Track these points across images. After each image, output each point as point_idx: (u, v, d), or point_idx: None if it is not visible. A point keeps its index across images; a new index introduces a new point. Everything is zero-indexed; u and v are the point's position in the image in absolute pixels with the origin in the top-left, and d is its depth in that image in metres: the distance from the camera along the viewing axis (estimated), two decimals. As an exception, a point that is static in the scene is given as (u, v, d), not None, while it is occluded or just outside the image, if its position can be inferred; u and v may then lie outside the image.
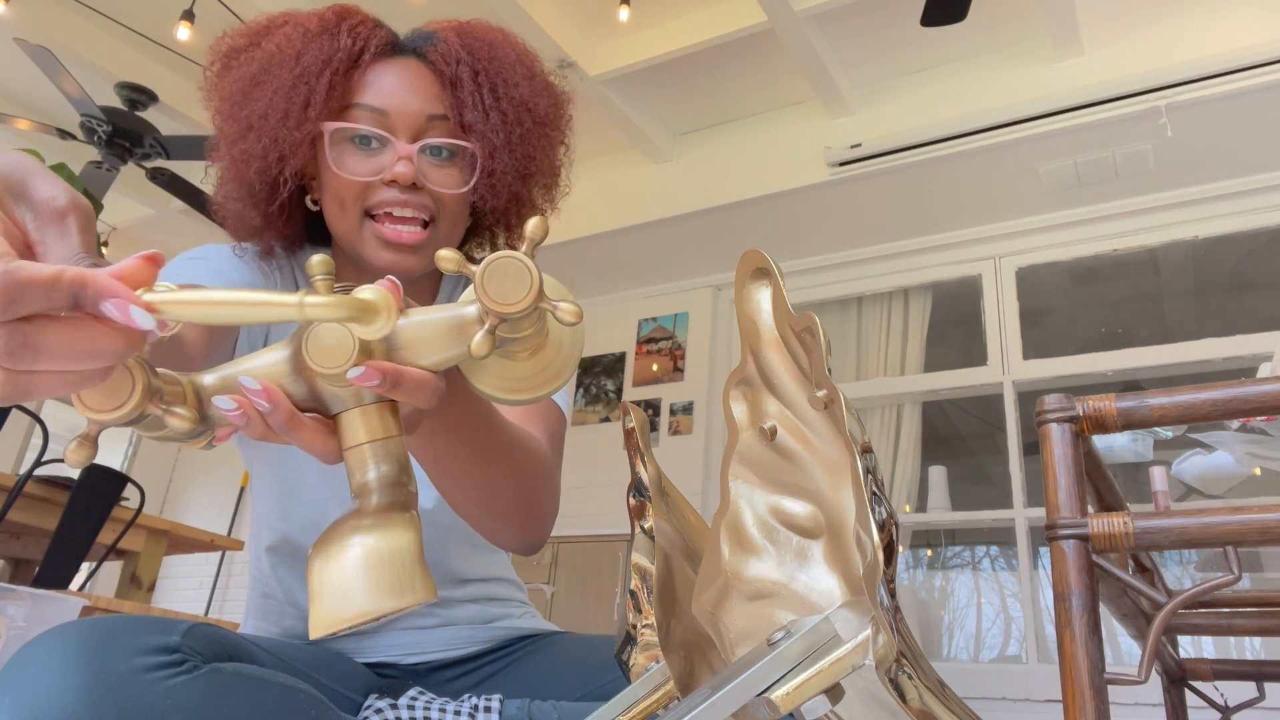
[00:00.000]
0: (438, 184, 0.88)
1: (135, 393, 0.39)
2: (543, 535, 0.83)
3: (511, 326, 0.44)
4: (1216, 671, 1.08)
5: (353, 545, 0.41)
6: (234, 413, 0.45)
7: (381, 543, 0.41)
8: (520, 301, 0.42)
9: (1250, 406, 0.63)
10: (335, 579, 0.40)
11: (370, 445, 0.45)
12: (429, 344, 0.45)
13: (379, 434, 0.45)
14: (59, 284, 0.36)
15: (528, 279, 0.42)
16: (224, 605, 5.25)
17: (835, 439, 0.57)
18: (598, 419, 4.71)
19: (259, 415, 0.45)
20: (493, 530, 0.78)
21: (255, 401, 0.44)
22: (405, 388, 0.45)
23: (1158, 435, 1.35)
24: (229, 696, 0.71)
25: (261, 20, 0.95)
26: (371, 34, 0.91)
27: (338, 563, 0.41)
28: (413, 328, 0.45)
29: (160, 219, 5.15)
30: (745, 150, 4.19)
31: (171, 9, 3.69)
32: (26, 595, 1.29)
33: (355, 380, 0.43)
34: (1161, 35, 3.43)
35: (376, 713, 0.84)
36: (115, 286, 0.37)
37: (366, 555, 0.40)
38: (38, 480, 2.56)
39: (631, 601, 0.65)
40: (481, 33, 0.95)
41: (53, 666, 0.65)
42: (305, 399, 0.45)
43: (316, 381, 0.44)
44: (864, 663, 0.45)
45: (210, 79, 0.94)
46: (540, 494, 0.79)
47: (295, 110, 0.86)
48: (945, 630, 4.87)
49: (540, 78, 0.98)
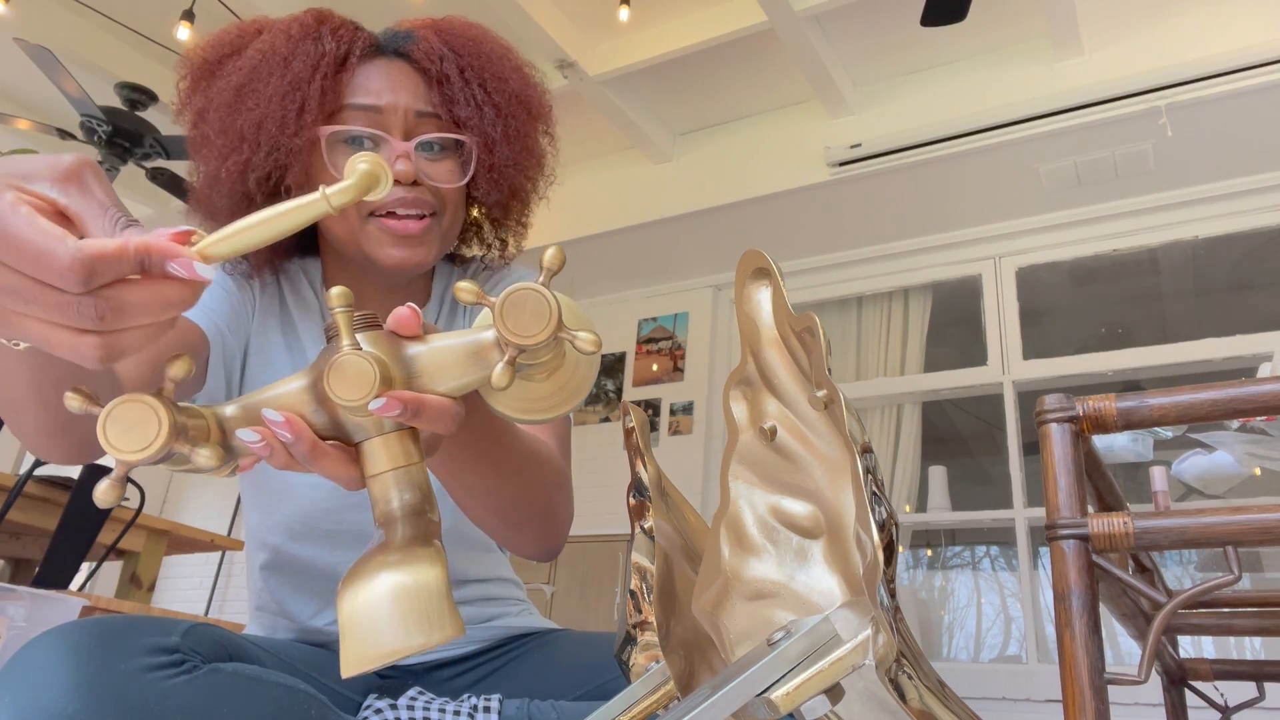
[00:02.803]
0: (436, 179, 0.89)
1: (161, 434, 0.41)
2: (560, 542, 0.84)
3: (530, 355, 0.44)
4: (1216, 671, 1.08)
5: (380, 581, 0.41)
6: (258, 445, 0.46)
7: (409, 578, 0.41)
8: (540, 334, 0.42)
9: (1250, 406, 0.63)
10: (364, 617, 0.41)
11: (393, 473, 0.45)
12: (448, 370, 0.45)
13: (401, 461, 0.46)
14: (126, 254, 0.40)
15: (547, 311, 0.42)
16: (224, 605, 5.25)
17: (835, 439, 0.57)
18: (598, 419, 4.71)
19: (282, 446, 0.46)
20: (512, 540, 0.79)
21: (278, 433, 0.45)
22: (426, 416, 0.46)
23: (1158, 435, 1.35)
24: (229, 696, 0.71)
25: (231, 30, 0.94)
26: (354, 36, 0.91)
27: (366, 600, 0.41)
28: (432, 354, 0.45)
29: (160, 219, 5.15)
30: (745, 150, 4.19)
31: (171, 9, 3.69)
32: (26, 595, 1.29)
33: (376, 411, 0.43)
34: (1161, 35, 3.43)
35: (376, 713, 0.84)
36: (174, 248, 0.41)
37: (394, 593, 0.40)
38: (38, 480, 2.56)
39: (631, 601, 0.65)
40: (461, 29, 0.95)
41: (52, 666, 0.65)
42: (326, 428, 0.45)
43: (338, 411, 0.45)
44: (864, 663, 0.45)
45: (184, 91, 0.93)
46: (557, 503, 0.80)
47: (291, 117, 0.86)
48: (945, 630, 4.87)
49: (526, 70, 0.98)
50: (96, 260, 0.39)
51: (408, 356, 0.45)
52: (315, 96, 0.86)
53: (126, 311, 0.41)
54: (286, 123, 0.86)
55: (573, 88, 3.83)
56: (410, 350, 0.46)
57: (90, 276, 0.39)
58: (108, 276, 0.40)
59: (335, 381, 0.42)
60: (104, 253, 0.39)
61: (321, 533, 0.96)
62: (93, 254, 0.39)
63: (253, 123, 0.87)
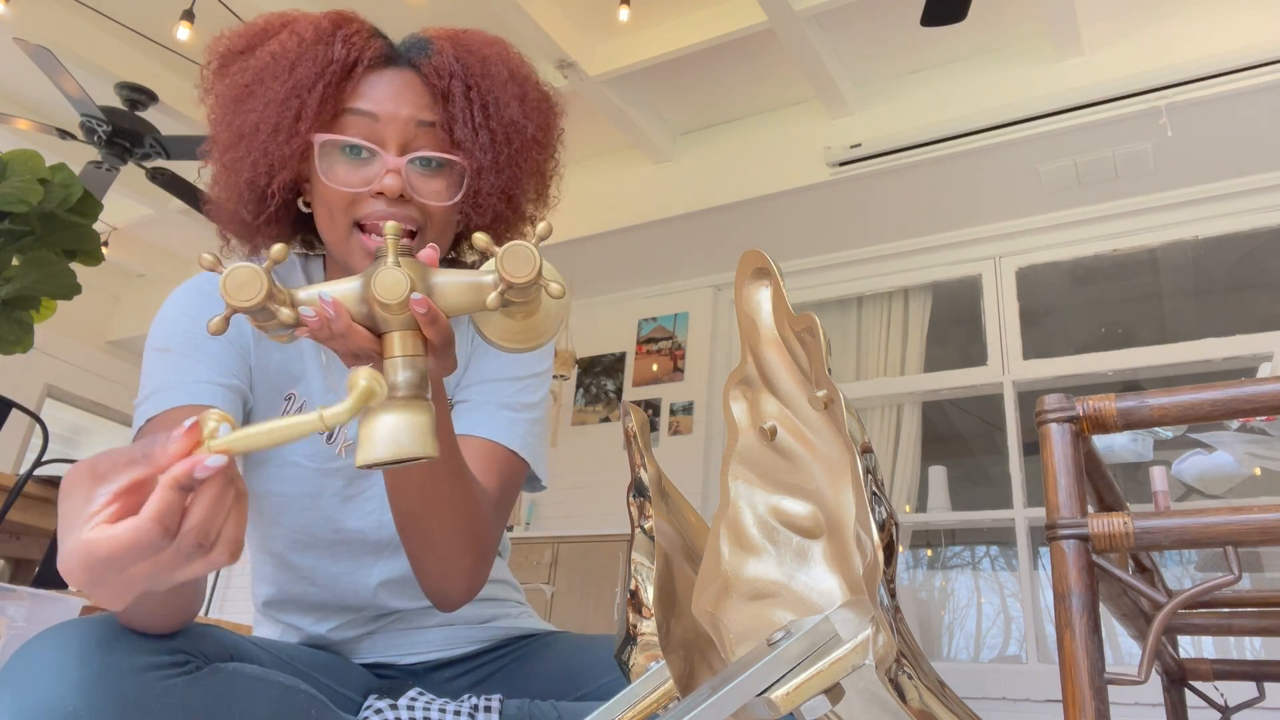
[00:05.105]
0: (425, 195, 0.88)
1: (261, 292, 0.56)
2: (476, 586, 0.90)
3: (517, 293, 0.60)
4: (1216, 671, 1.08)
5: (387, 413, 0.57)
6: (310, 317, 0.60)
7: (406, 413, 0.57)
8: (525, 275, 0.59)
9: (1250, 406, 0.63)
10: (372, 431, 0.56)
11: (402, 358, 0.61)
12: (456, 294, 0.62)
13: (409, 351, 0.61)
14: (169, 500, 0.49)
15: (533, 261, 0.59)
16: (224, 605, 5.25)
17: (835, 439, 0.57)
18: (598, 419, 4.71)
19: (327, 320, 0.60)
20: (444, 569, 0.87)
21: (325, 308, 0.60)
22: (437, 324, 0.61)
23: (1158, 435, 1.35)
24: (229, 696, 0.71)
25: (259, 21, 0.94)
26: (366, 44, 0.90)
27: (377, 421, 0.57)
28: (445, 283, 0.62)
29: (160, 219, 5.15)
30: (745, 150, 4.19)
31: (171, 9, 3.69)
32: (26, 595, 1.29)
33: (413, 304, 0.59)
34: (1161, 35, 3.43)
35: (376, 713, 0.84)
36: (192, 464, 0.49)
37: (395, 420, 0.57)
38: (38, 480, 2.56)
39: (631, 601, 0.65)
40: (476, 45, 0.94)
41: (54, 664, 0.65)
42: (362, 319, 0.61)
43: (374, 307, 0.60)
44: (864, 663, 0.45)
45: (207, 78, 0.94)
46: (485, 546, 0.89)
47: (286, 124, 0.86)
48: (945, 630, 4.87)
49: (532, 97, 0.96)
50: (162, 516, 0.48)
51: (428, 280, 0.61)
52: (314, 104, 0.86)
53: (205, 523, 0.50)
54: (280, 128, 0.86)
55: (573, 88, 3.83)
56: (431, 276, 0.62)
57: (165, 530, 0.48)
58: (174, 518, 0.49)
59: (378, 284, 0.58)
60: (162, 509, 0.48)
61: (323, 542, 0.96)
62: (155, 514, 0.48)
63: (251, 124, 0.87)
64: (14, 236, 1.82)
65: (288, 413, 0.95)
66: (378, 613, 0.99)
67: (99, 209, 1.97)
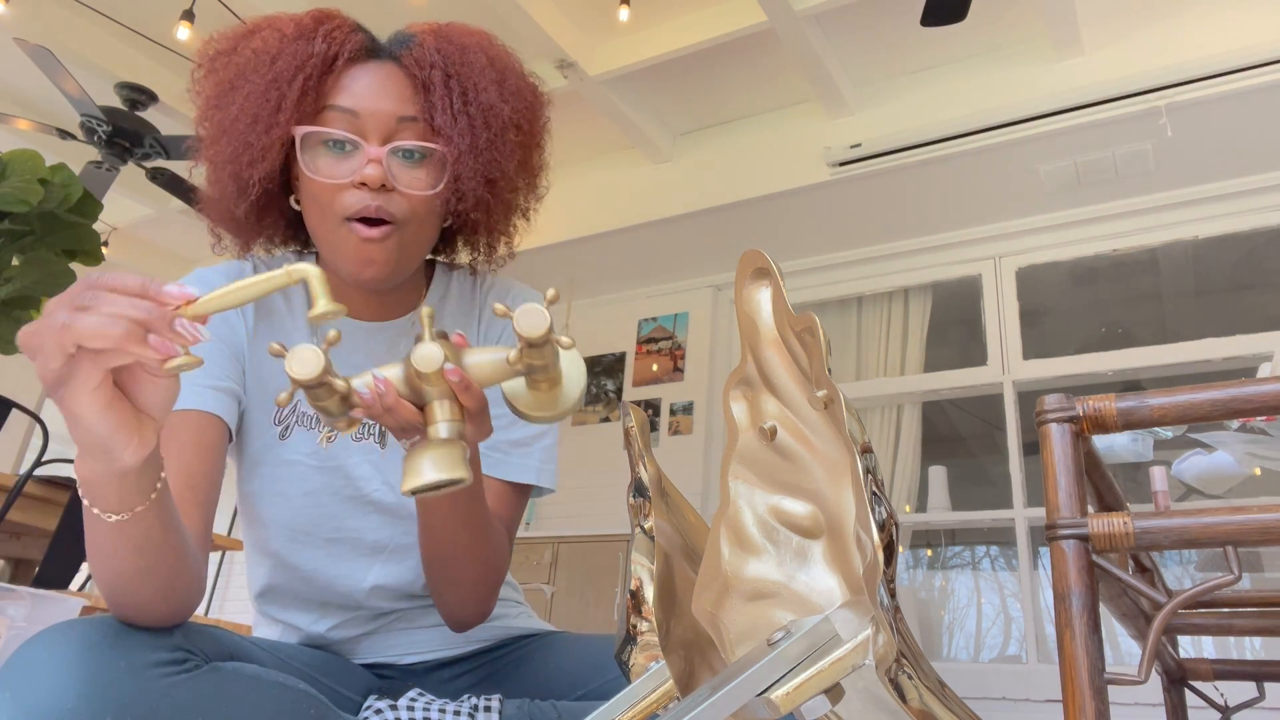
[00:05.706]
0: (407, 185, 0.88)
1: (320, 367, 0.62)
2: (485, 612, 0.96)
3: (535, 354, 0.65)
4: (1216, 671, 1.08)
5: (430, 447, 0.66)
6: (366, 394, 0.65)
7: (445, 447, 0.65)
8: (539, 333, 0.64)
9: (1250, 406, 0.63)
10: (418, 462, 0.65)
11: (443, 422, 0.68)
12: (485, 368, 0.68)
13: (448, 417, 0.68)
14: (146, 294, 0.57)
15: (544, 320, 0.64)
16: (224, 605, 5.25)
17: (835, 439, 0.57)
18: (598, 419, 4.71)
19: (379, 395, 0.65)
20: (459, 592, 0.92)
21: (376, 385, 0.65)
22: (470, 391, 0.67)
23: (1158, 435, 1.35)
24: (228, 696, 0.71)
25: (245, 24, 0.95)
26: (347, 38, 0.91)
27: (420, 453, 0.65)
28: (475, 360, 0.68)
29: (160, 219, 5.15)
30: (745, 150, 4.19)
31: (171, 9, 3.69)
32: (26, 595, 1.29)
33: (446, 373, 0.65)
34: (1161, 35, 3.43)
35: (376, 713, 0.84)
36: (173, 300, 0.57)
37: (436, 451, 0.65)
38: (38, 480, 2.56)
39: (631, 601, 0.65)
40: (457, 36, 0.95)
41: (53, 664, 0.65)
42: (407, 396, 0.68)
43: (414, 380, 0.67)
44: (864, 663, 0.45)
45: (197, 80, 0.95)
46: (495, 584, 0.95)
47: (265, 115, 0.87)
48: (945, 630, 4.87)
49: (512, 82, 0.96)
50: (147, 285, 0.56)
51: (461, 359, 0.68)
52: (294, 96, 0.87)
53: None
54: (260, 119, 0.87)
55: (573, 88, 3.83)
56: (464, 356, 0.69)
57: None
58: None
59: (416, 356, 0.65)
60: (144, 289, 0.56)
61: (321, 540, 0.96)
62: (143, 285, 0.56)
63: (232, 118, 0.89)
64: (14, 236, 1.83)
65: (281, 415, 0.96)
66: (376, 612, 0.99)
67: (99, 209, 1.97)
